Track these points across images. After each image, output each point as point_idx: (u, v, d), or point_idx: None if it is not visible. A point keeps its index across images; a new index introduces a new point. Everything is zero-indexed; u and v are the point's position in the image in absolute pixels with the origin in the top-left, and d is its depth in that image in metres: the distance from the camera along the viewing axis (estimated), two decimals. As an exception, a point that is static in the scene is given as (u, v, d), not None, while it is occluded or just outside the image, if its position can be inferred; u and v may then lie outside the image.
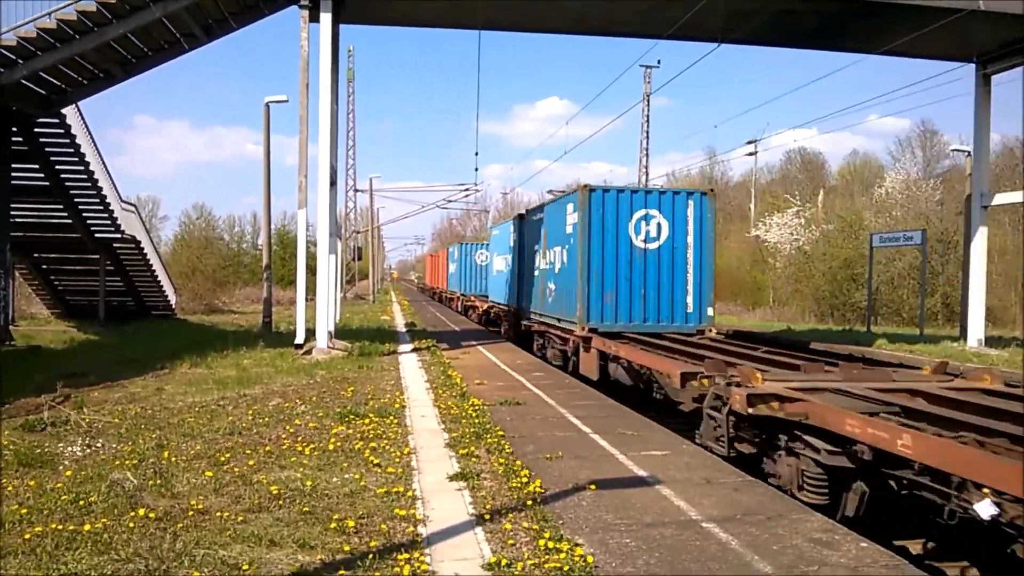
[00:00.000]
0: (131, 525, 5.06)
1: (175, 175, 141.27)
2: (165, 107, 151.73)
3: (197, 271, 53.41)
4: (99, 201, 20.75)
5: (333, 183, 17.69)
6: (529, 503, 5.69)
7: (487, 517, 5.39)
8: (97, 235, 22.83)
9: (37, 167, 18.71)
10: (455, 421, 8.98)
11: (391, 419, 8.95)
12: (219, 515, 5.30)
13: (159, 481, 6.12)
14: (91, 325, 23.54)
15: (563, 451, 7.56)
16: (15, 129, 16.93)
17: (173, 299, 29.90)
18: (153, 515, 5.25)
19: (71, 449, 7.26)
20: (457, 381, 12.23)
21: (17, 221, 20.32)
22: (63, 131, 17.59)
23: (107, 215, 21.56)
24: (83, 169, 19.13)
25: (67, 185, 19.89)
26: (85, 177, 19.49)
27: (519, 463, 6.91)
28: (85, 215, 21.67)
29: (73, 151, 18.37)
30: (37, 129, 17.54)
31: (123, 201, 23.56)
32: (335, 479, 6.32)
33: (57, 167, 19.06)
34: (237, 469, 6.58)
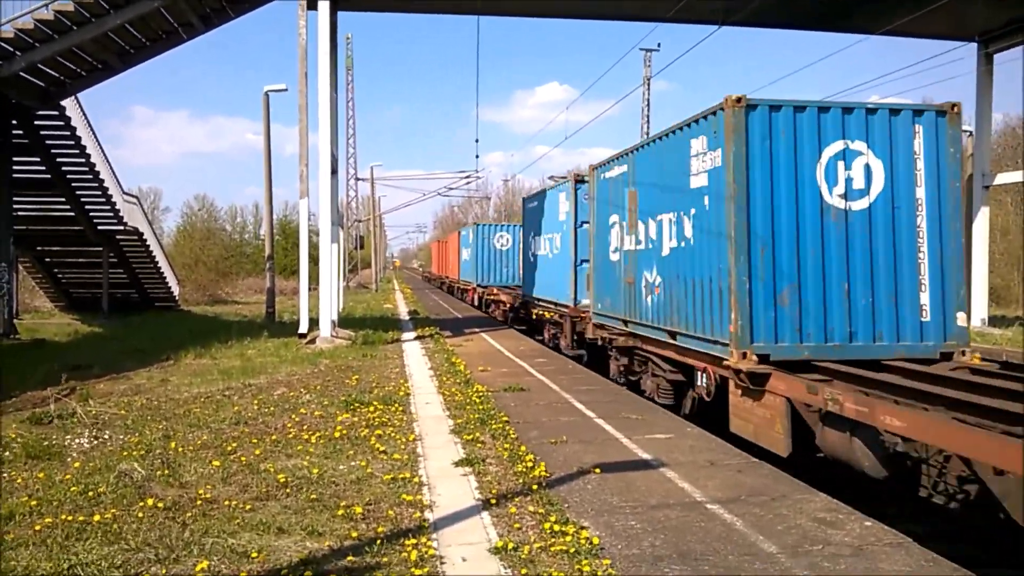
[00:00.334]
0: (140, 515, 5.10)
1: (175, 166, 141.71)
2: (163, 98, 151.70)
3: (200, 262, 53.62)
4: (101, 193, 20.78)
5: (334, 172, 17.68)
6: (535, 487, 5.72)
7: (493, 502, 5.42)
8: (100, 227, 22.87)
9: (38, 160, 18.73)
10: (460, 408, 9.01)
11: (396, 406, 8.99)
12: (227, 504, 5.34)
13: (167, 471, 6.16)
14: (95, 317, 23.59)
15: (567, 436, 7.60)
16: (15, 122, 16.93)
17: (176, 290, 29.98)
18: (162, 505, 5.29)
19: (78, 441, 7.30)
20: (461, 368, 12.27)
21: (20, 215, 20.40)
22: (63, 123, 17.59)
23: (109, 207, 21.58)
24: (84, 161, 19.13)
25: (69, 177, 19.91)
26: (86, 169, 19.50)
27: (524, 448, 6.95)
28: (87, 207, 21.69)
29: (74, 143, 18.38)
30: (37, 122, 17.54)
31: (125, 193, 23.61)
32: (342, 466, 6.36)
33: (58, 159, 19.08)
34: (244, 458, 6.62)
